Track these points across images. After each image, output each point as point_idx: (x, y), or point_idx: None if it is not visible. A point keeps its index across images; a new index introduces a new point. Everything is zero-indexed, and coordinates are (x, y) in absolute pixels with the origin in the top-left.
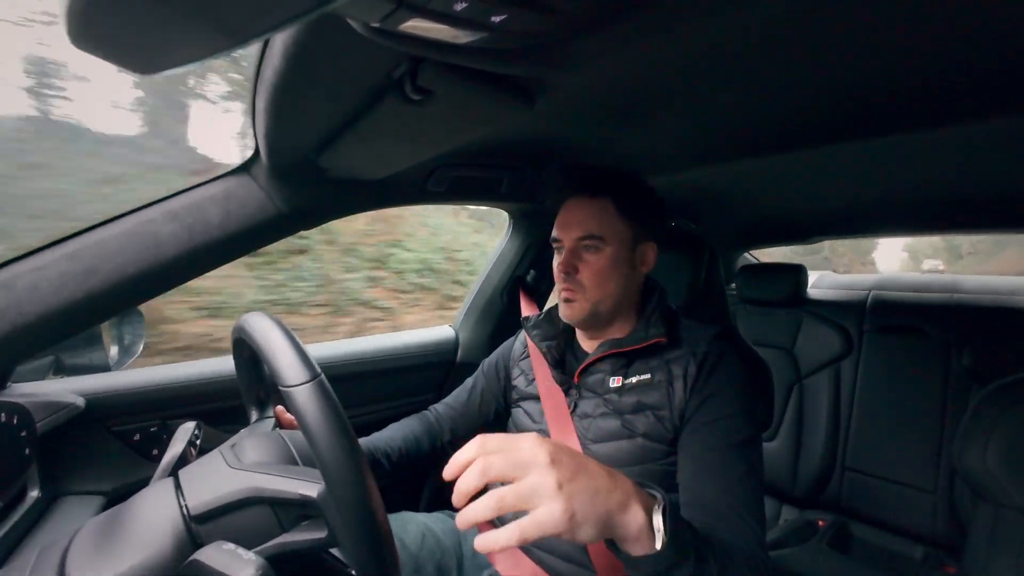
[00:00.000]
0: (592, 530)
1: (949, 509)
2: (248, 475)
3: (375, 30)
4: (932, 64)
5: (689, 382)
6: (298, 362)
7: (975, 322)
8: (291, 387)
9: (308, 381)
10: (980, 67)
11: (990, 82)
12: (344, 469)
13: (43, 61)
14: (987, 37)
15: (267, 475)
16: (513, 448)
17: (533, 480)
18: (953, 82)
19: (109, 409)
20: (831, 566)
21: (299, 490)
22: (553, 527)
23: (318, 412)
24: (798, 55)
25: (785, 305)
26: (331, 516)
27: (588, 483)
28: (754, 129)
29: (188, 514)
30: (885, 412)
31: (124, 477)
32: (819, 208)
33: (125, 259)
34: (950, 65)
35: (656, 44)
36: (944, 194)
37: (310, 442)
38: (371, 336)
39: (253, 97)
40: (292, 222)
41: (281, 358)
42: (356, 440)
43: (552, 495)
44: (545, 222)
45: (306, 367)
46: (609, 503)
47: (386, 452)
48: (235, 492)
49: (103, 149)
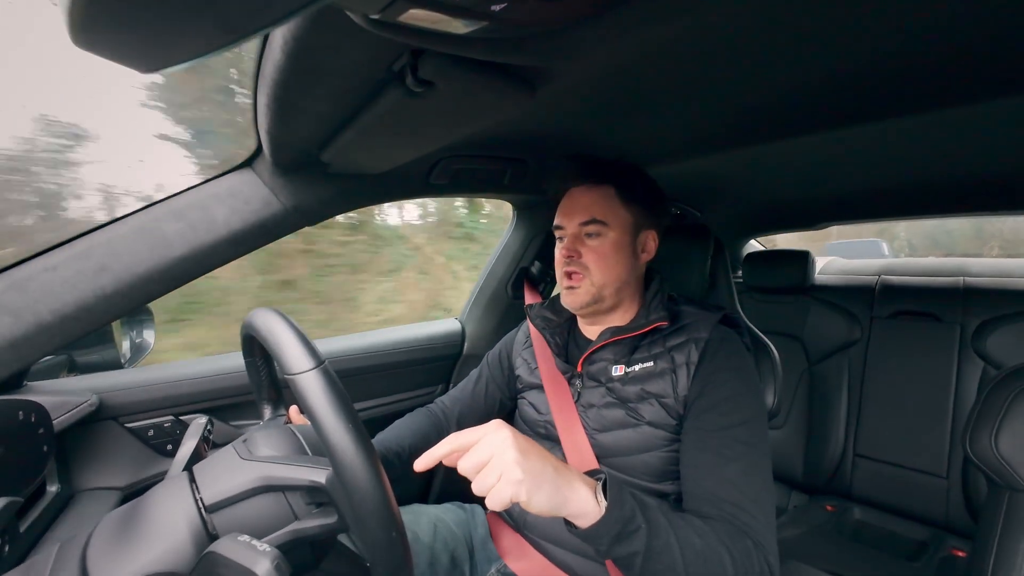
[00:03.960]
0: (544, 498)
1: (963, 494)
2: (259, 465)
3: (375, 22)
4: (933, 46)
5: (692, 368)
6: (302, 350)
7: (986, 306)
8: (296, 374)
9: (312, 368)
10: (981, 49)
11: (992, 63)
12: (350, 453)
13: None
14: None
15: (277, 464)
16: (477, 436)
17: (497, 459)
18: (955, 64)
19: (122, 406)
20: (840, 551)
21: (308, 476)
22: (514, 494)
23: (323, 398)
24: (799, 41)
25: (792, 292)
26: (340, 500)
27: (539, 464)
28: (757, 116)
29: (203, 507)
30: (897, 398)
31: (139, 472)
32: (823, 194)
33: (134, 257)
34: (951, 47)
35: (658, 32)
36: (948, 177)
37: (316, 427)
38: (377, 330)
39: (254, 93)
40: (297, 218)
41: (286, 347)
42: (361, 424)
43: (512, 469)
44: (549, 213)
45: (310, 355)
46: (559, 482)
47: (397, 452)
48: (247, 482)
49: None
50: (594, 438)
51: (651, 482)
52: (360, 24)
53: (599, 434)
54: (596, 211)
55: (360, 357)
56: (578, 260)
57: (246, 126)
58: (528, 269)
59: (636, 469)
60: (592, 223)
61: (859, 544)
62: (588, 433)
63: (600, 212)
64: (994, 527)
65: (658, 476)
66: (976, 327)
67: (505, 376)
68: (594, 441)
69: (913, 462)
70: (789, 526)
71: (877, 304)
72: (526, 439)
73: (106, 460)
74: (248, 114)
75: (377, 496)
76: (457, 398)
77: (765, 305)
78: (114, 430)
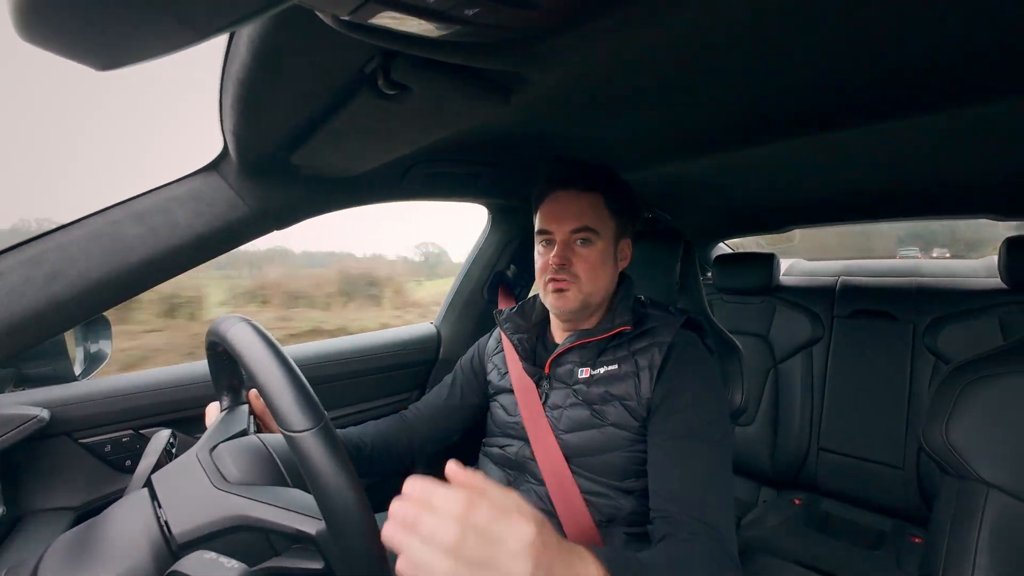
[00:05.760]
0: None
1: (917, 483)
2: (237, 500)
3: (345, 23)
4: (894, 59)
5: (654, 372)
6: (304, 405)
7: (936, 304)
8: (296, 433)
9: (314, 427)
10: (941, 60)
11: (950, 74)
12: (352, 522)
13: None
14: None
15: (258, 503)
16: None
17: (427, 552)
18: (914, 75)
19: (76, 420)
20: (807, 543)
21: (297, 525)
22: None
23: (325, 460)
24: (768, 53)
25: (759, 293)
26: (332, 556)
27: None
28: (727, 123)
29: (167, 524)
30: (856, 393)
31: (95, 491)
32: (790, 198)
33: (90, 263)
34: (911, 59)
35: (631, 41)
36: (904, 184)
37: (315, 489)
38: (352, 336)
39: (220, 92)
40: (265, 222)
41: (284, 399)
42: (362, 489)
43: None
44: (524, 217)
45: (311, 411)
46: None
47: (357, 445)
48: (224, 519)
49: None
50: (561, 438)
51: (616, 480)
52: (330, 25)
53: (565, 434)
54: (587, 219)
55: (332, 363)
56: (569, 268)
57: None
58: (504, 273)
59: (601, 468)
60: (584, 231)
61: (826, 535)
62: (556, 434)
63: (591, 220)
64: (947, 514)
65: (622, 475)
66: (927, 325)
67: (478, 380)
68: (561, 441)
69: (872, 454)
70: (759, 521)
71: (837, 304)
72: (491, 542)
73: (58, 479)
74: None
75: (375, 565)
76: (431, 403)
77: (734, 306)
78: (67, 446)
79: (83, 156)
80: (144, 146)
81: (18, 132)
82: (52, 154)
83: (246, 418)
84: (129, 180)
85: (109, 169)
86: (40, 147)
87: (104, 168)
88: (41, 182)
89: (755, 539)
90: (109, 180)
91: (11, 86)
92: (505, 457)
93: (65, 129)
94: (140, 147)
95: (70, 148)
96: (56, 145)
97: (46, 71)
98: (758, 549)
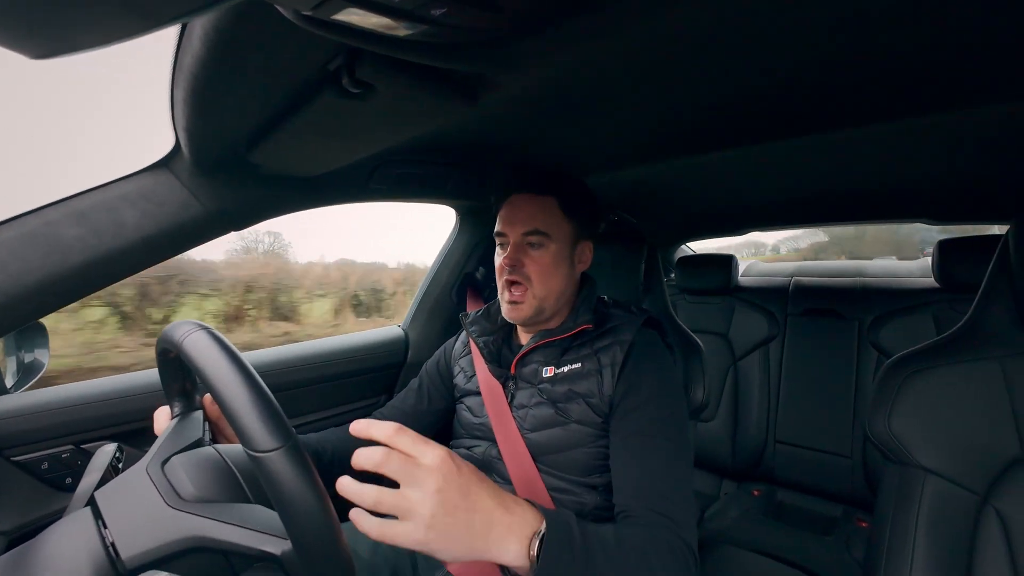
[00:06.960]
0: (448, 556)
1: (864, 471)
2: (193, 520)
3: (307, 19)
4: (852, 68)
5: (616, 369)
6: (270, 423)
7: (879, 303)
8: (262, 453)
9: (281, 447)
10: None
11: (907, 83)
12: (323, 547)
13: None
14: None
15: (217, 522)
16: (415, 456)
17: (413, 498)
18: (859, 87)
19: (8, 436)
20: (766, 532)
21: (260, 546)
22: (407, 545)
23: (294, 482)
24: (725, 63)
25: (719, 293)
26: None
27: (463, 518)
28: (688, 129)
29: (113, 546)
30: (808, 388)
31: (30, 512)
32: (750, 202)
33: (24, 266)
34: (857, 73)
35: (596, 47)
36: (863, 188)
37: (282, 512)
38: (316, 340)
39: (171, 85)
40: (221, 222)
41: (248, 417)
42: (334, 512)
43: (419, 520)
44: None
45: (279, 429)
46: (475, 542)
47: (316, 451)
48: (179, 540)
49: None
50: (527, 437)
51: (581, 476)
52: (291, 20)
53: (531, 433)
54: (539, 222)
55: (296, 369)
56: (520, 270)
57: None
58: (473, 275)
59: (566, 465)
60: (535, 234)
61: (783, 524)
62: (521, 433)
63: (543, 223)
64: (889, 499)
65: (586, 471)
66: (871, 322)
67: (445, 384)
68: (527, 439)
69: (823, 444)
70: (721, 513)
71: (791, 303)
72: (467, 485)
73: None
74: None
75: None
76: (398, 407)
77: (696, 306)
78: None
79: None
80: (83, 136)
81: None
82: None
83: (200, 426)
84: (54, 170)
85: (28, 161)
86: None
87: (24, 160)
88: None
89: (718, 531)
90: (28, 171)
91: None
92: (472, 458)
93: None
94: (75, 136)
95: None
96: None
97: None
98: (721, 540)
